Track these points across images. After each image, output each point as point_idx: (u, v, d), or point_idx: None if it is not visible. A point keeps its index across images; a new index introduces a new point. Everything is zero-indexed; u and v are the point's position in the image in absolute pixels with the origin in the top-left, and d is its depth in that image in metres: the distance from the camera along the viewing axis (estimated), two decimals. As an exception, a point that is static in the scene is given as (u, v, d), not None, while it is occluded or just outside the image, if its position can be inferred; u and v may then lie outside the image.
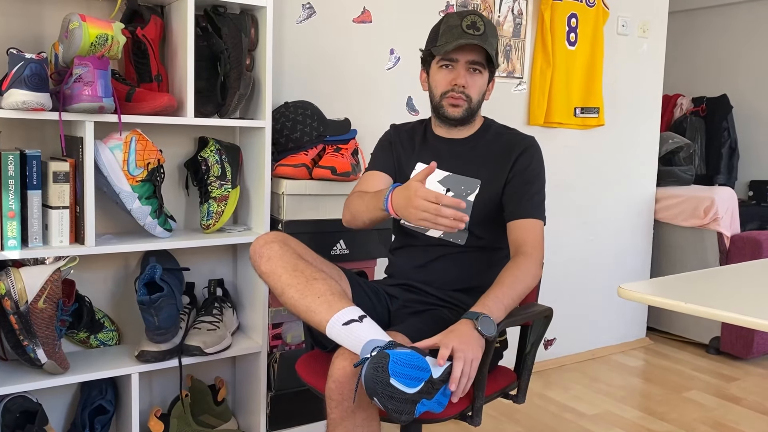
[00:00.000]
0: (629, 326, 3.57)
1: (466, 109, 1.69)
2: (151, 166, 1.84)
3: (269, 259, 1.49)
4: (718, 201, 3.37)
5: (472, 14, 1.65)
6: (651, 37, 3.43)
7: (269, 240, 1.53)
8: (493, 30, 1.68)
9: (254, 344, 2.08)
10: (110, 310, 2.04)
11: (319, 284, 1.45)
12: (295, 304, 1.44)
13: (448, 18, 1.67)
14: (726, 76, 4.40)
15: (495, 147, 1.73)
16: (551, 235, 3.04)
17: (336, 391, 1.33)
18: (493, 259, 1.74)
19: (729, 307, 1.19)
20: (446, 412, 1.41)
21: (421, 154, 1.77)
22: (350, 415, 1.34)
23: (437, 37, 1.68)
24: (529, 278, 1.55)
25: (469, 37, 1.62)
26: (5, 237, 1.65)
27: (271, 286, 1.50)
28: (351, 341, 1.36)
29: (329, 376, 1.35)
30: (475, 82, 1.68)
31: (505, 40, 2.89)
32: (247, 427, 2.17)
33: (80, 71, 1.64)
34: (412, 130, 1.85)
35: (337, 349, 1.39)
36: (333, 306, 1.41)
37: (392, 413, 1.25)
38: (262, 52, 2.04)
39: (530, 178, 1.69)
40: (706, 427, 2.58)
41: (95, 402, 1.91)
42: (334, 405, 1.34)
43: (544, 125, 3.05)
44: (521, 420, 2.56)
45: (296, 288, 1.44)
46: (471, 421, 1.50)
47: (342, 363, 1.35)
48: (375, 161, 1.84)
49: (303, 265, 1.49)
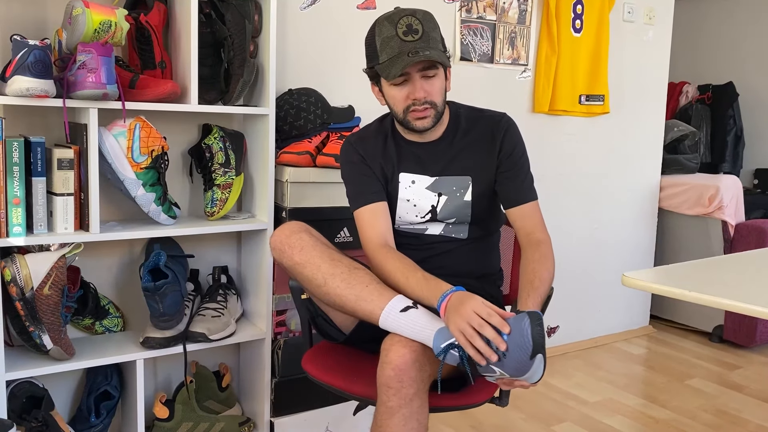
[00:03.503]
0: (632, 314, 3.57)
1: (434, 116, 1.55)
2: (155, 153, 1.84)
3: (302, 249, 1.46)
4: (723, 189, 3.36)
5: (404, 15, 1.49)
6: (657, 24, 3.40)
7: (296, 230, 1.49)
8: (430, 21, 1.52)
9: (258, 331, 2.09)
10: (115, 296, 2.05)
11: (362, 273, 1.44)
12: (341, 294, 1.42)
13: (381, 27, 1.50)
14: (732, 63, 4.37)
15: (474, 135, 1.64)
16: (555, 223, 3.04)
17: (395, 378, 1.32)
18: (490, 243, 1.74)
19: (733, 295, 1.19)
20: (481, 396, 1.48)
21: (402, 164, 1.64)
22: (408, 403, 1.33)
23: (377, 52, 1.51)
24: (553, 263, 1.56)
25: (410, 45, 1.47)
26: (10, 224, 1.65)
27: (306, 276, 1.46)
28: (411, 328, 1.36)
29: (386, 363, 1.34)
30: (433, 86, 1.53)
31: (510, 27, 2.87)
32: (252, 413, 2.19)
33: (84, 58, 1.64)
34: (374, 138, 1.67)
35: (388, 337, 1.38)
36: (383, 294, 1.40)
37: (540, 372, 1.29)
38: (265, 38, 2.03)
39: (518, 158, 1.64)
40: (708, 414, 2.58)
41: (101, 387, 1.93)
42: (393, 393, 1.33)
43: (549, 113, 3.03)
44: (524, 407, 2.57)
45: (341, 277, 1.42)
46: (499, 403, 1.56)
47: (401, 350, 1.33)
48: (361, 190, 1.63)
49: (337, 254, 1.47)
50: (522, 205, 1.63)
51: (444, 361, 1.36)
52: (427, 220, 1.65)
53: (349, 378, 1.55)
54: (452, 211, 1.64)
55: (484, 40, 2.79)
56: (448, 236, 1.67)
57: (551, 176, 3.10)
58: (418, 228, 1.66)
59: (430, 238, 1.67)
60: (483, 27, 2.78)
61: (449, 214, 1.64)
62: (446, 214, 1.64)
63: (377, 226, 1.60)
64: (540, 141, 3.03)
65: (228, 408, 2.15)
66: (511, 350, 1.26)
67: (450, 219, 1.65)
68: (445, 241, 1.67)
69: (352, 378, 1.54)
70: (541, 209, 1.67)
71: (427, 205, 1.63)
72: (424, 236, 1.67)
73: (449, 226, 1.66)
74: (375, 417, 1.38)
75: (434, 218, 1.64)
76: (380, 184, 1.64)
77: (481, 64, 2.80)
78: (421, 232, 1.67)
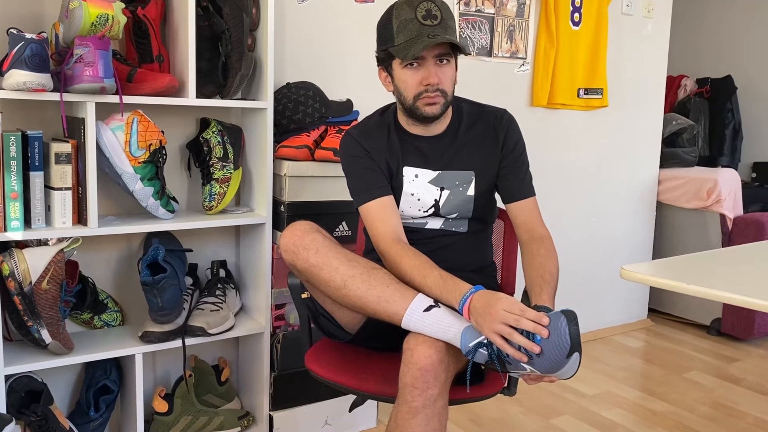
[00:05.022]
0: (630, 308, 3.58)
1: (443, 105, 1.55)
2: (153, 147, 1.83)
3: (317, 251, 1.44)
4: (721, 182, 3.36)
5: (424, 1, 1.49)
6: (656, 17, 3.40)
7: (308, 230, 1.47)
8: (448, 9, 1.52)
9: (257, 325, 2.09)
10: (113, 291, 2.05)
11: (381, 273, 1.43)
12: (362, 296, 1.41)
13: (399, 10, 1.50)
14: (730, 57, 4.36)
15: (477, 130, 1.65)
16: (553, 216, 3.04)
17: (421, 379, 1.31)
18: (485, 237, 1.74)
19: (731, 288, 1.20)
20: (494, 388, 1.49)
21: (406, 158, 1.63)
22: (432, 403, 1.32)
23: (392, 34, 1.51)
24: (557, 259, 1.56)
25: (429, 29, 1.47)
26: (8, 218, 1.65)
27: (324, 279, 1.44)
28: (436, 328, 1.35)
29: (411, 363, 1.33)
30: (446, 74, 1.53)
31: (508, 20, 2.86)
32: (251, 406, 2.19)
33: (81, 51, 1.64)
34: (378, 132, 1.66)
35: (411, 337, 1.37)
36: (405, 294, 1.40)
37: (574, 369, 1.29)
38: (263, 32, 2.02)
39: (520, 154, 1.66)
40: (706, 407, 2.59)
41: (100, 382, 1.93)
42: (418, 393, 1.32)
43: (548, 106, 3.03)
44: (523, 400, 2.57)
45: (361, 279, 1.41)
46: (508, 392, 1.56)
47: (427, 350, 1.32)
48: (367, 184, 1.60)
49: (352, 255, 1.46)
50: (523, 200, 1.63)
51: (473, 359, 1.35)
52: (429, 215, 1.65)
53: (360, 376, 1.53)
54: (455, 206, 1.64)
55: (482, 33, 2.79)
56: (448, 230, 1.67)
57: (550, 170, 3.10)
58: (419, 222, 1.66)
59: (430, 233, 1.67)
60: (481, 20, 2.78)
61: (451, 209, 1.64)
62: (449, 209, 1.64)
63: (388, 221, 1.57)
64: (538, 135, 3.03)
65: (227, 402, 2.15)
66: (548, 349, 1.26)
67: (452, 214, 1.65)
68: (445, 235, 1.67)
69: (363, 376, 1.53)
70: (540, 203, 1.68)
71: (430, 200, 1.63)
72: (425, 230, 1.67)
73: (449, 221, 1.66)
74: (395, 416, 1.36)
75: (437, 213, 1.65)
76: (385, 177, 1.62)
77: (479, 57, 2.80)
78: (422, 226, 1.67)
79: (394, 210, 1.60)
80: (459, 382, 1.43)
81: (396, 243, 1.53)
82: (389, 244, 1.53)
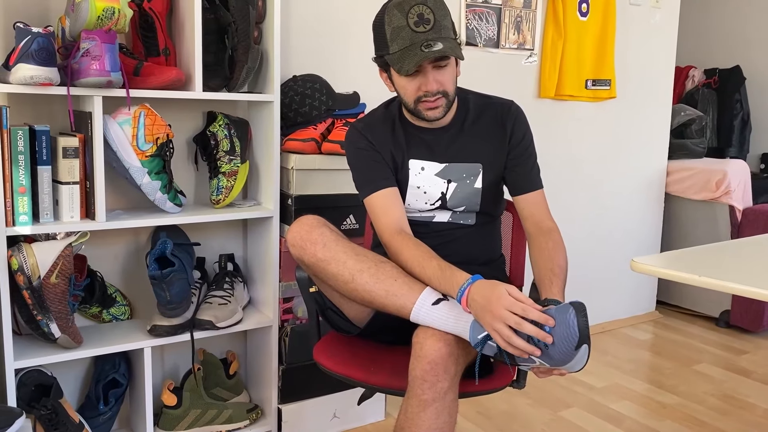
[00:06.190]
0: (639, 300, 3.57)
1: (445, 106, 1.53)
2: (160, 141, 1.83)
3: (325, 245, 1.43)
4: (731, 174, 3.34)
5: (415, 4, 1.44)
6: (664, 7, 3.37)
7: (315, 224, 1.46)
8: (441, 8, 1.47)
9: (265, 318, 2.09)
10: (122, 285, 2.06)
11: (389, 267, 1.42)
12: (370, 290, 1.40)
13: (391, 17, 1.45)
14: (739, 47, 4.32)
15: (484, 122, 1.63)
16: (561, 208, 3.03)
17: (431, 372, 1.31)
18: (494, 229, 1.74)
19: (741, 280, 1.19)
20: (503, 381, 1.49)
21: (411, 150, 1.62)
22: (442, 396, 1.32)
23: (386, 41, 1.47)
24: (566, 251, 1.55)
25: (422, 36, 1.43)
26: (16, 213, 1.65)
27: (332, 273, 1.44)
28: (444, 321, 1.35)
29: (421, 357, 1.32)
30: (445, 76, 1.49)
31: (515, 11, 2.85)
32: (259, 400, 2.19)
33: (88, 45, 1.63)
34: (383, 124, 1.64)
35: (420, 330, 1.37)
36: (413, 288, 1.39)
37: (583, 362, 1.27)
38: (270, 24, 2.01)
39: (528, 146, 1.64)
40: (715, 399, 2.58)
41: (109, 375, 1.94)
42: (428, 386, 1.32)
43: (555, 98, 3.01)
44: (531, 393, 2.57)
45: (369, 273, 1.40)
46: (517, 385, 1.56)
47: (437, 344, 1.32)
48: (372, 176, 1.60)
49: (360, 248, 1.45)
50: (531, 192, 1.62)
51: (481, 352, 1.35)
52: (436, 208, 1.64)
53: (368, 369, 1.53)
54: (462, 199, 1.63)
55: (489, 24, 2.77)
56: (456, 223, 1.66)
57: (557, 162, 3.09)
58: (426, 216, 1.66)
59: (438, 226, 1.66)
60: (488, 11, 2.76)
61: (459, 202, 1.63)
62: (456, 202, 1.63)
63: (391, 212, 1.56)
64: (546, 126, 3.02)
65: (235, 395, 2.16)
66: (557, 342, 1.24)
67: (459, 207, 1.64)
68: (453, 229, 1.66)
69: (371, 369, 1.53)
70: (548, 195, 1.67)
71: (437, 192, 1.62)
72: (433, 224, 1.66)
73: (457, 214, 1.65)
74: (405, 409, 1.36)
75: (444, 206, 1.64)
76: (390, 170, 1.61)
77: (486, 48, 2.78)
78: (429, 219, 1.66)
79: (398, 201, 1.59)
80: (468, 375, 1.42)
81: (398, 234, 1.52)
82: (391, 235, 1.53)
